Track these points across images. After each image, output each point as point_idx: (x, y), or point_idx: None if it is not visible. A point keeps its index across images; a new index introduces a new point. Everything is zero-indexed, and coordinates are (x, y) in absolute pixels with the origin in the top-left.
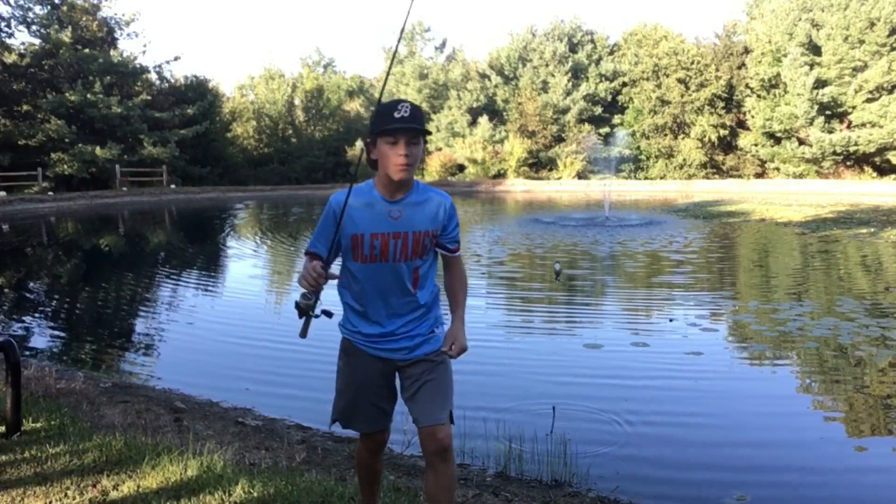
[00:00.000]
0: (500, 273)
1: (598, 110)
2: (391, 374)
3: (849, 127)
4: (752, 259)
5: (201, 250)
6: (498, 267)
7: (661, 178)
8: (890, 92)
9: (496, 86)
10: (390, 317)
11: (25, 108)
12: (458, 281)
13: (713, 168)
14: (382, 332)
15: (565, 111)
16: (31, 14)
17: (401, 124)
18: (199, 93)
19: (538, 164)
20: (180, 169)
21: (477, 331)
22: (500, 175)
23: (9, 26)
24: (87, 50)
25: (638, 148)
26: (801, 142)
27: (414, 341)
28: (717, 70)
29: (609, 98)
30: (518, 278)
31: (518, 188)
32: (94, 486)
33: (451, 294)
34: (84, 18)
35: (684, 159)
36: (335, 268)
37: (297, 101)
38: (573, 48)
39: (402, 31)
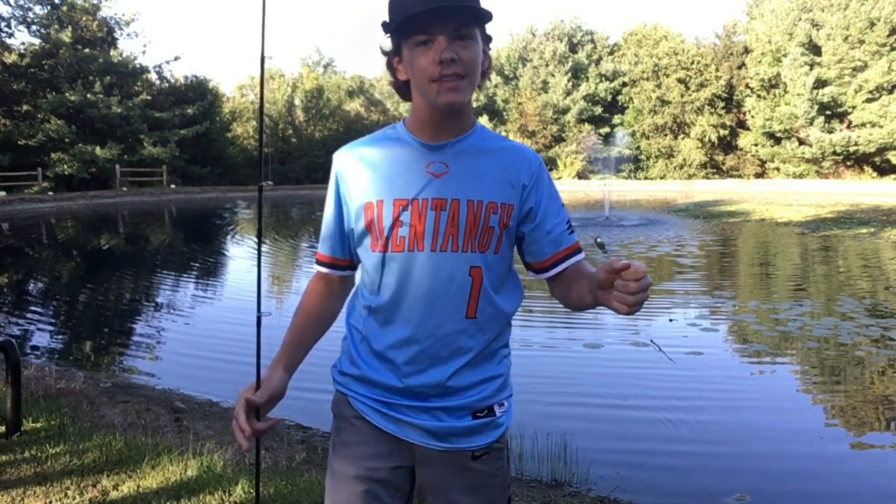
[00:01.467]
0: None
1: (598, 110)
2: (409, 475)
3: (849, 127)
4: (752, 259)
5: (201, 250)
6: None
7: (661, 178)
8: (890, 92)
9: (496, 86)
10: (425, 361)
11: (25, 108)
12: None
13: (713, 168)
14: (405, 386)
15: (565, 111)
16: (31, 14)
17: (434, 3)
18: (199, 93)
19: None
20: (180, 169)
21: None
22: None
23: (9, 26)
24: (87, 50)
25: (638, 148)
26: (801, 142)
27: (461, 418)
28: (717, 70)
29: (609, 98)
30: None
31: None
32: (94, 486)
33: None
34: (84, 18)
35: (684, 159)
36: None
37: (297, 101)
38: (573, 48)
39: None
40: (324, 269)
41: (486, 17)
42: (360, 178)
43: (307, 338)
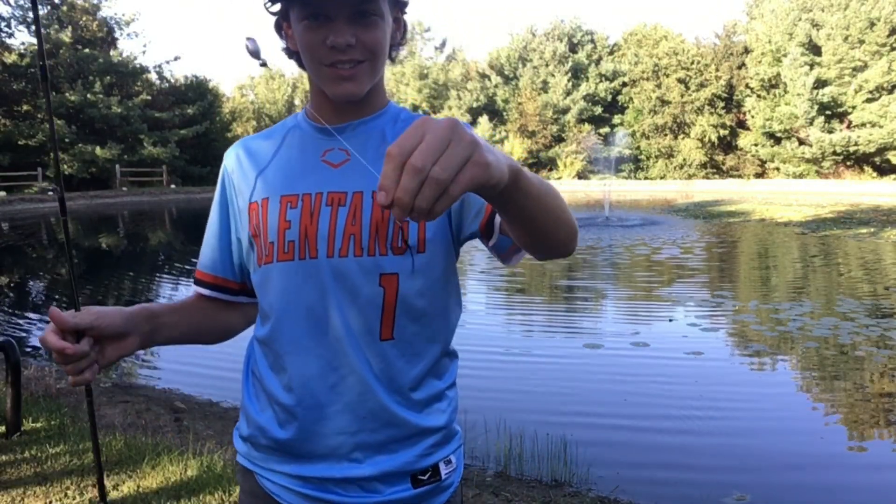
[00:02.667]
0: (500, 273)
1: (598, 110)
2: None
3: (849, 127)
4: (752, 259)
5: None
6: (497, 267)
7: (661, 178)
8: (890, 92)
9: (496, 86)
10: (334, 415)
11: (25, 108)
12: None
13: (713, 168)
14: (342, 456)
15: (565, 111)
16: (31, 14)
17: None
18: (199, 93)
19: (538, 164)
20: (180, 169)
21: (476, 331)
22: None
23: (9, 26)
24: (87, 50)
25: (638, 148)
26: (801, 142)
27: (398, 485)
28: (717, 70)
29: (609, 98)
30: (518, 278)
31: None
32: (94, 486)
33: None
34: (84, 18)
35: (684, 159)
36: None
37: (297, 101)
38: (573, 48)
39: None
40: (204, 291)
41: None
42: (247, 174)
43: (180, 320)
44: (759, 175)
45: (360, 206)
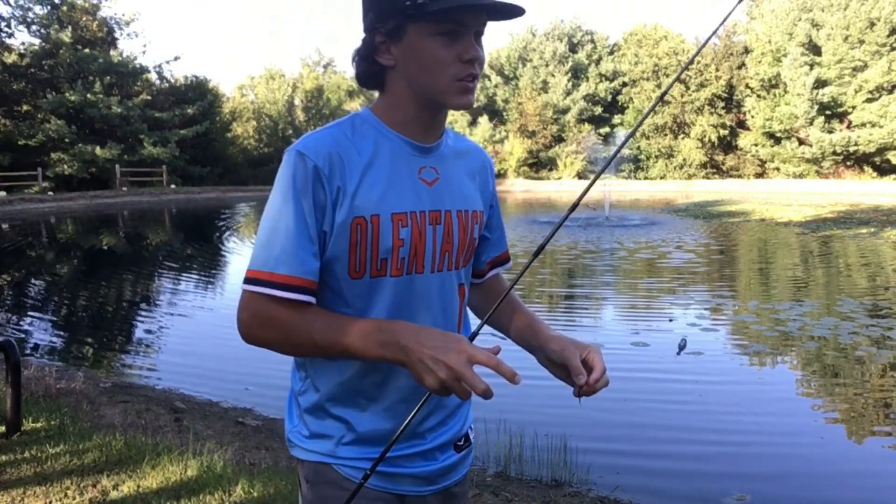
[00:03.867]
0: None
1: (598, 110)
2: None
3: (849, 127)
4: (752, 259)
5: (201, 250)
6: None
7: (661, 178)
8: (890, 92)
9: (496, 86)
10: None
11: (25, 108)
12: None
13: (713, 168)
14: (415, 435)
15: (565, 111)
16: (31, 14)
17: None
18: (199, 93)
19: (538, 164)
20: (180, 169)
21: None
22: (501, 175)
23: (9, 26)
24: (87, 50)
25: (638, 148)
26: (801, 142)
27: (448, 453)
28: (717, 70)
29: (609, 98)
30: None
31: (518, 188)
32: (94, 486)
33: (528, 322)
34: (84, 18)
35: (684, 159)
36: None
37: (297, 101)
38: (573, 48)
39: None
40: (301, 297)
41: (520, 9)
42: (347, 183)
43: None
44: (759, 175)
45: (451, 224)
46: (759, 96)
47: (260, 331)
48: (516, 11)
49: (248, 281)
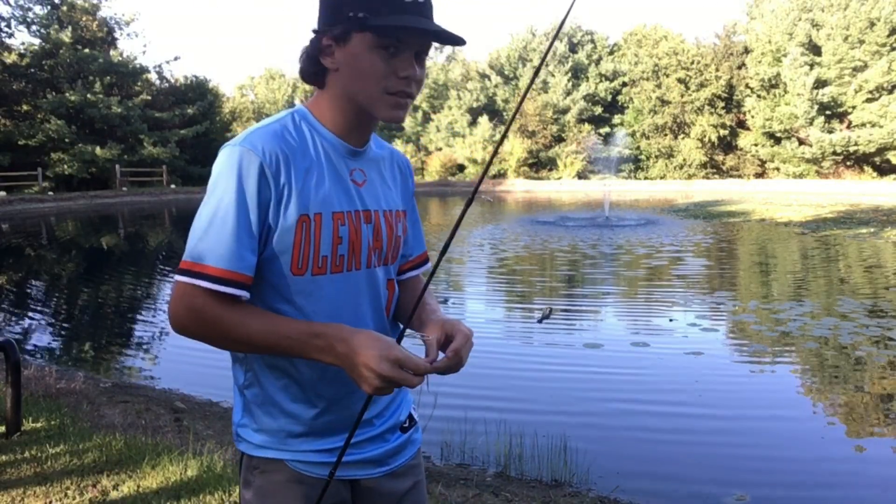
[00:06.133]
0: (500, 273)
1: (598, 110)
2: None
3: (849, 127)
4: (752, 259)
5: None
6: (498, 267)
7: (661, 178)
8: (890, 92)
9: (496, 86)
10: (362, 395)
11: (25, 108)
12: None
13: (713, 168)
14: (364, 423)
15: (565, 111)
16: (31, 14)
17: (416, 17)
18: (199, 93)
19: (538, 164)
20: (180, 169)
21: (476, 330)
22: (501, 175)
23: (9, 26)
24: (87, 50)
25: (638, 148)
26: (801, 142)
27: (395, 433)
28: (717, 70)
29: (609, 98)
30: (518, 279)
31: (518, 188)
32: (94, 486)
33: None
34: (84, 18)
35: (684, 159)
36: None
37: (297, 101)
38: (573, 48)
39: None
40: (235, 291)
41: (460, 40)
42: (293, 181)
43: None
44: (759, 175)
45: (380, 223)
46: (759, 96)
47: (191, 323)
48: (457, 41)
49: (181, 272)
